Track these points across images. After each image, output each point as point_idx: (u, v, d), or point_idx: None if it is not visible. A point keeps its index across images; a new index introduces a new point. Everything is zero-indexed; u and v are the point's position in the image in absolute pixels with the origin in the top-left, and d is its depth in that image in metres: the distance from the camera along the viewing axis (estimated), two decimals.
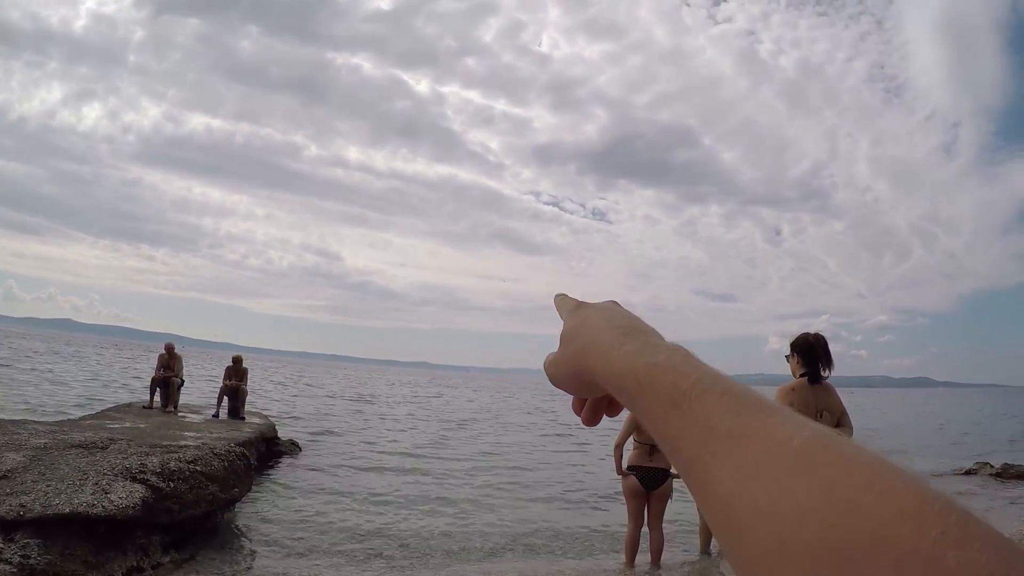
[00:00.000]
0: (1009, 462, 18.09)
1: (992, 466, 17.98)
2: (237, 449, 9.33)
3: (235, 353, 17.84)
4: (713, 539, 8.87)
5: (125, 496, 6.36)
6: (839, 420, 5.40)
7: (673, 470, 7.94)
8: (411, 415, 30.59)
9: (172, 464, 7.47)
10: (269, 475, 12.78)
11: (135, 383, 30.64)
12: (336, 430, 21.99)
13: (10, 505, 5.62)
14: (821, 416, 5.27)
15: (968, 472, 18.05)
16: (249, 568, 7.13)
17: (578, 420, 0.83)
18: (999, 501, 13.72)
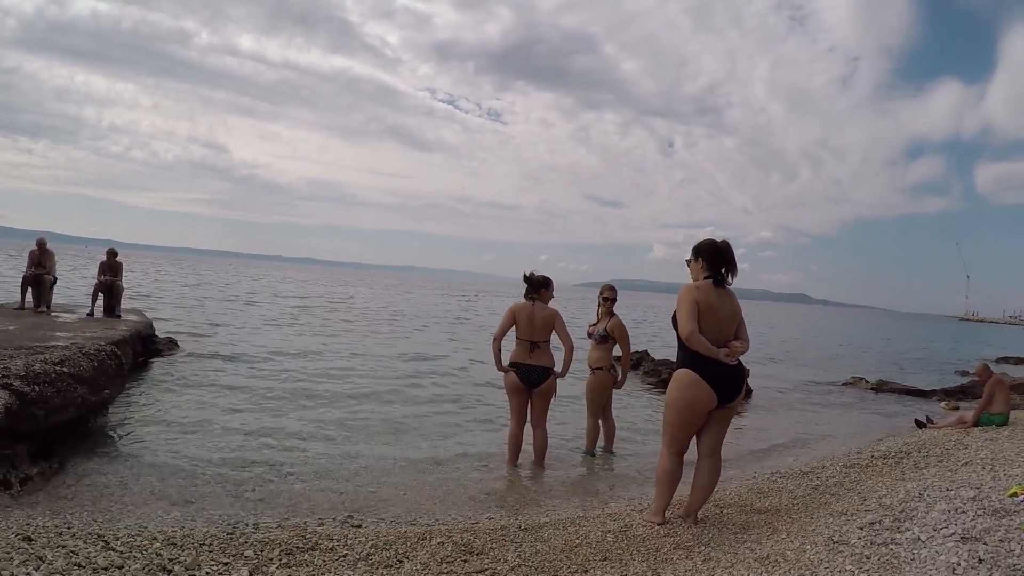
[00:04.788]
0: (884, 379, 19.21)
1: (867, 381, 19.01)
2: (108, 348, 8.93)
3: (110, 247, 17.02)
4: (599, 440, 9.12)
5: None
6: (738, 328, 5.44)
7: (557, 368, 7.99)
8: (295, 315, 30.09)
9: (37, 366, 7.09)
10: (144, 375, 12.37)
11: (6, 283, 29.25)
12: (215, 327, 21.53)
13: None
14: (723, 320, 5.32)
15: (845, 384, 19.11)
16: (121, 477, 6.85)
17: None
18: (873, 416, 14.44)
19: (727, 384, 5.29)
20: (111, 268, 16.11)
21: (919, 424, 12.23)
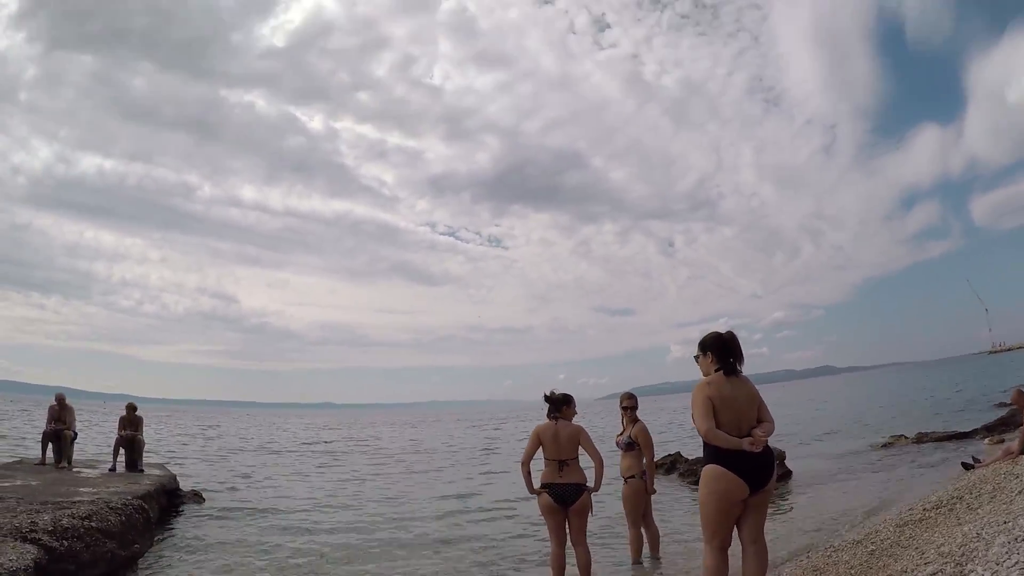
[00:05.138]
0: (923, 431, 18.78)
1: (907, 437, 18.61)
2: (135, 502, 8.89)
3: (129, 402, 17.11)
4: (643, 548, 8.95)
5: (15, 558, 5.92)
6: (760, 412, 5.41)
7: (590, 483, 7.88)
8: (320, 462, 29.78)
9: (65, 521, 7.04)
10: (172, 529, 12.14)
11: (27, 439, 29.23)
12: (240, 479, 21.30)
13: None
14: (741, 408, 5.29)
15: (885, 446, 18.64)
16: None
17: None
18: (919, 469, 14.11)
19: (756, 471, 5.24)
20: (131, 423, 16.16)
21: (966, 466, 12.01)
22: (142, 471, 15.29)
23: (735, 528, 5.52)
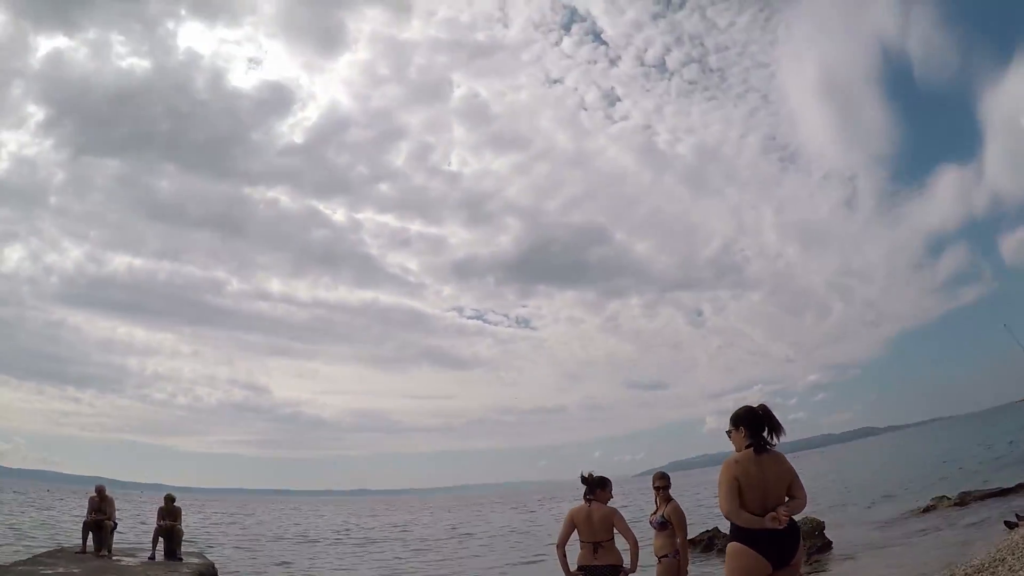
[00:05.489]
0: (966, 490, 18.25)
1: (949, 498, 18.07)
2: None
3: (167, 493, 17.33)
4: None
5: None
6: (791, 488, 5.35)
7: (626, 564, 7.92)
8: (358, 550, 29.67)
9: None
10: None
11: (66, 526, 29.50)
12: (278, 568, 21.38)
13: None
14: (768, 487, 5.26)
15: (927, 509, 18.07)
16: None
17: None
18: (962, 531, 13.81)
19: (779, 548, 5.19)
20: (170, 513, 16.36)
21: (1009, 525, 11.73)
22: (181, 559, 15.46)
23: None
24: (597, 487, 8.05)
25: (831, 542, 14.39)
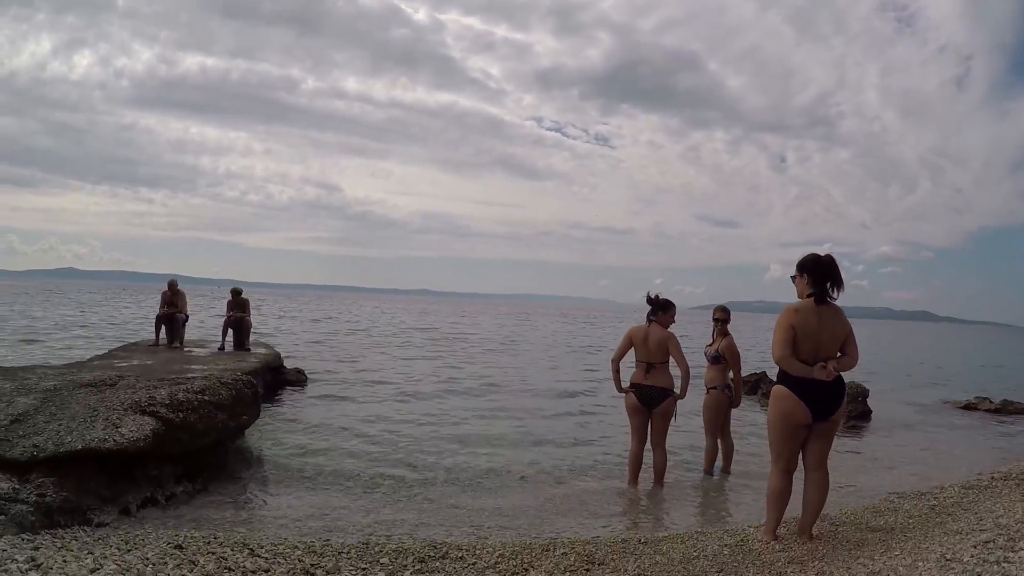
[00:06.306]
0: (1009, 399, 18.11)
1: (991, 401, 17.98)
2: (244, 378, 9.40)
3: (234, 286, 17.84)
4: (717, 460, 9.10)
5: (135, 429, 6.44)
6: (844, 344, 5.33)
7: (675, 389, 8.06)
8: (423, 348, 30.52)
9: (181, 395, 7.54)
10: (276, 404, 12.99)
11: (142, 323, 30.85)
12: (342, 360, 22.21)
13: (24, 447, 5.68)
14: (822, 338, 5.24)
15: (967, 406, 18.02)
16: (259, 494, 7.28)
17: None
18: (996, 438, 13.75)
19: (821, 399, 5.25)
20: (238, 305, 16.91)
21: None
22: (249, 350, 16.10)
23: (801, 453, 5.61)
24: (660, 309, 8.09)
25: (871, 411, 14.38)
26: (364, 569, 4.74)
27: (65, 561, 4.18)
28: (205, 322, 30.91)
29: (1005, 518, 5.98)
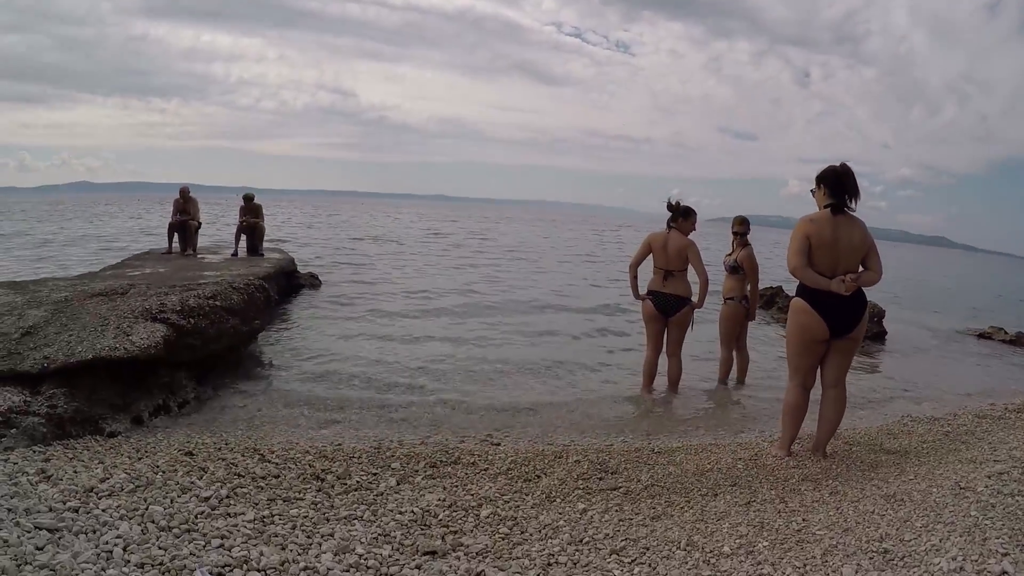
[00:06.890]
0: None
1: (1007, 332, 17.81)
2: (256, 282, 9.40)
3: (246, 192, 17.75)
4: (732, 371, 9.06)
5: (146, 336, 6.40)
6: (867, 259, 5.21)
7: (693, 298, 7.97)
8: (438, 253, 30.44)
9: (191, 301, 7.51)
10: (290, 308, 13.04)
11: (154, 231, 30.84)
12: (355, 264, 22.21)
13: (34, 359, 5.64)
14: (840, 250, 5.12)
15: (982, 335, 17.85)
16: (272, 401, 7.28)
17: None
18: (1013, 368, 13.58)
19: (840, 314, 5.17)
20: (251, 211, 16.85)
21: None
22: (262, 255, 16.08)
23: (820, 369, 5.56)
24: (681, 216, 7.95)
25: (887, 332, 14.26)
26: (375, 474, 4.75)
27: (75, 472, 4.17)
28: (219, 230, 30.94)
29: (1019, 451, 6.00)
